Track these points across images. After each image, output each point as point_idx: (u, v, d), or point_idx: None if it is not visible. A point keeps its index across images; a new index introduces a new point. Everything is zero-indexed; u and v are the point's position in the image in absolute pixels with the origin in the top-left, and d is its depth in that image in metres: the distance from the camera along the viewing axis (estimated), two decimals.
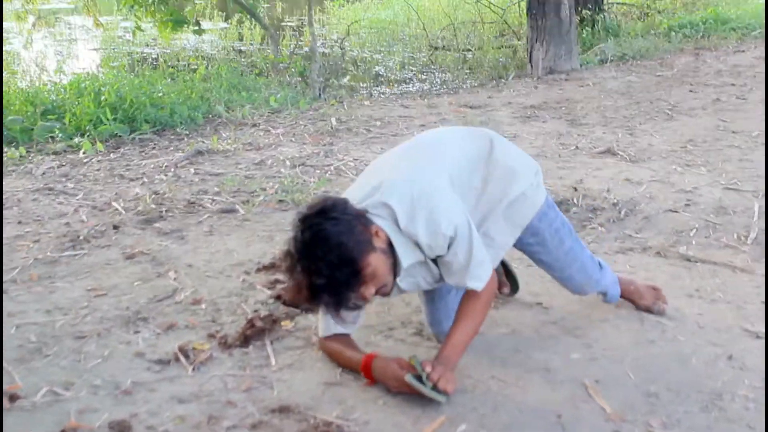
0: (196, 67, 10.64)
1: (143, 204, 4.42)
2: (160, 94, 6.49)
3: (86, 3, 9.44)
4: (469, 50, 11.71)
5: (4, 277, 3.53)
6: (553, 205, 2.97)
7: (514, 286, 3.38)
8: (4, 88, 6.76)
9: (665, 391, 2.66)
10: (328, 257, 2.30)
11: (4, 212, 4.37)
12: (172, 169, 5.13)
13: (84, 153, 5.51)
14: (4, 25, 8.01)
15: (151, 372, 2.79)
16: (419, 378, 2.54)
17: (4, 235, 4.03)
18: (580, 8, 10.97)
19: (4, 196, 4.61)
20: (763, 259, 3.74)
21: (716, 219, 4.28)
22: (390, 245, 2.49)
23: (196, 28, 9.55)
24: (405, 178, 2.60)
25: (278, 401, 2.60)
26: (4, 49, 9.51)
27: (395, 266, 2.52)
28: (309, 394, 2.66)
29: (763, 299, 3.33)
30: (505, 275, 3.37)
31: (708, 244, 3.96)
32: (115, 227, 4.13)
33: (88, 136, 5.85)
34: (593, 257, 3.13)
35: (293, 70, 10.43)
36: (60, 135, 5.80)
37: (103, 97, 6.19)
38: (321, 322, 2.83)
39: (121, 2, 8.66)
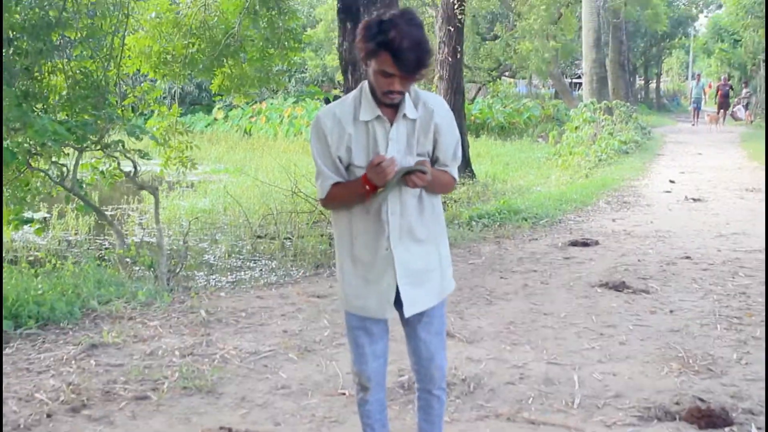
0: (32, 259, 11.04)
1: (64, 394, 4.98)
2: (40, 292, 7.01)
3: None
4: (288, 239, 12.59)
5: None
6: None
7: None
8: None
9: None
10: (424, 37, 3.21)
11: None
12: (73, 362, 5.68)
13: None
14: None
15: None
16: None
17: None
18: None
19: None
20: (590, 420, 4.80)
21: (546, 389, 5.33)
22: None
23: (39, 227, 9.99)
24: None
25: None
26: None
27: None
28: None
29: None
30: None
31: (544, 410, 4.98)
32: (48, 416, 4.68)
33: None
34: None
35: (132, 261, 10.97)
36: None
37: None
38: (319, 189, 3.52)
39: None
